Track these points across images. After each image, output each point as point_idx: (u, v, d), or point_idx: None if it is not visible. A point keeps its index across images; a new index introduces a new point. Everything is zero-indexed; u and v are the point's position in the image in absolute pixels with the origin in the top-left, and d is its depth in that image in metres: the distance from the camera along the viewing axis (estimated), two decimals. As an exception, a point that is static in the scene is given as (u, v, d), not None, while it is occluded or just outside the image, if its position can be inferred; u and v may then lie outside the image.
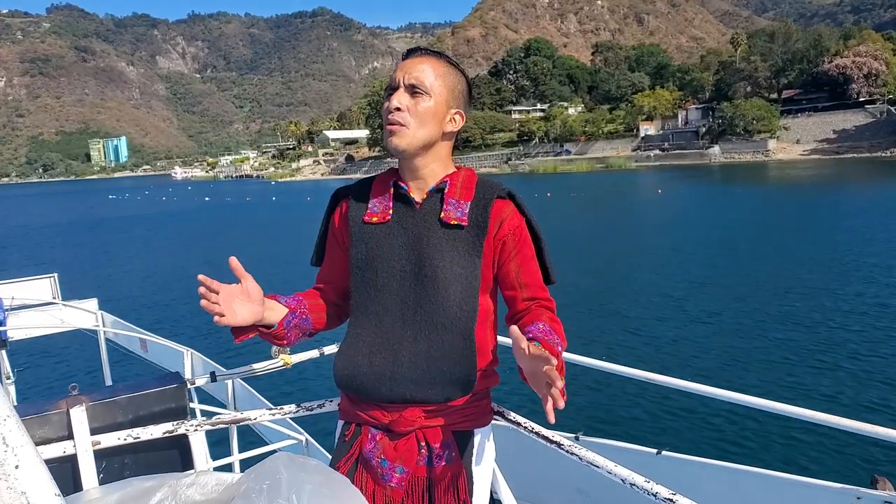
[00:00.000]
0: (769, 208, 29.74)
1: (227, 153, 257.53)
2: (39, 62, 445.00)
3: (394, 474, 1.47)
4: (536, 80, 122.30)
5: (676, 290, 14.15)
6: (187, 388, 1.87)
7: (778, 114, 72.66)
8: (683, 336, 10.83)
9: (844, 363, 9.08)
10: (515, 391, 6.70)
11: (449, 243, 1.49)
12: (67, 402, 1.66)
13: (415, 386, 1.46)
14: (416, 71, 1.48)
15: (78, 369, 10.60)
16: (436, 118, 1.50)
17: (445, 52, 1.58)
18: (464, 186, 1.54)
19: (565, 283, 15.38)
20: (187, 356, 3.89)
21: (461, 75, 1.56)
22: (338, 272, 1.62)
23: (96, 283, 19.22)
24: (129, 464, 1.68)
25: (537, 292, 1.53)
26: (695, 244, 20.40)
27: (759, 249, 18.63)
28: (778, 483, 1.88)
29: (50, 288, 6.17)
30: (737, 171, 59.59)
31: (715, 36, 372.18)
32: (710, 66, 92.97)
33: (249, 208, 52.47)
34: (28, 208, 77.09)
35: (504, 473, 1.66)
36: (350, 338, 1.55)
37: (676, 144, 78.79)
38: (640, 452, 2.13)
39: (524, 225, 1.54)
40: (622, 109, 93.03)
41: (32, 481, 0.59)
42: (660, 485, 1.16)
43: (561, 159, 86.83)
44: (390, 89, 1.50)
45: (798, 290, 13.43)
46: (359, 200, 1.59)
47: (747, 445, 6.75)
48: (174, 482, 1.18)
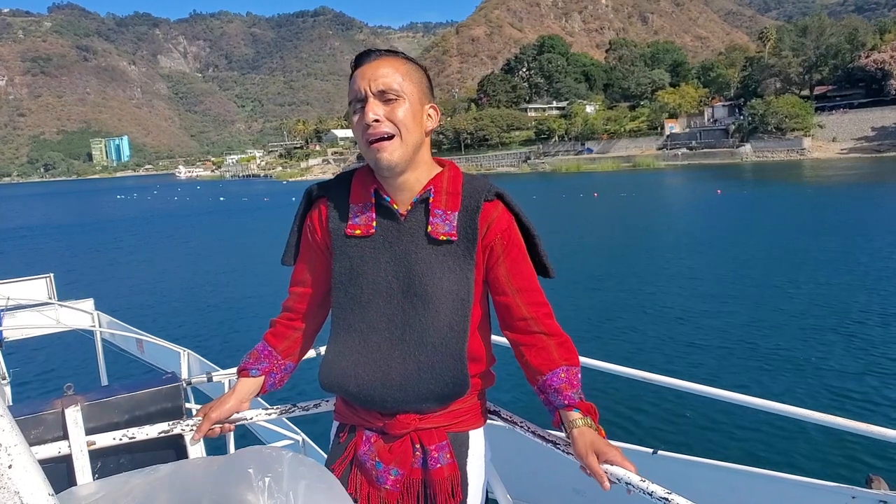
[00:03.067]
0: (849, 209, 27.24)
1: (229, 152, 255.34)
2: (41, 61, 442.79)
3: (388, 476, 1.46)
4: (550, 77, 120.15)
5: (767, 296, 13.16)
6: (183, 387, 1.87)
7: (812, 111, 70.08)
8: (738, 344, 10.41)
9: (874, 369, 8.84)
10: (511, 389, 6.39)
11: (438, 259, 1.43)
12: (62, 402, 1.65)
13: (405, 401, 1.45)
14: (381, 76, 1.38)
15: (74, 370, 10.52)
16: (416, 120, 1.41)
17: (395, 49, 1.48)
18: (449, 193, 1.46)
19: (631, 285, 14.88)
20: (183, 356, 3.89)
21: (421, 68, 1.46)
22: (316, 275, 1.56)
23: (92, 282, 19.30)
24: (125, 464, 1.66)
25: (533, 297, 1.47)
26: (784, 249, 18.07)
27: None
28: (773, 482, 1.89)
29: (46, 288, 6.18)
30: (774, 170, 57.17)
31: (719, 35, 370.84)
32: (735, 62, 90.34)
33: (270, 209, 50.14)
34: (36, 209, 74.92)
35: (500, 473, 1.66)
36: (333, 353, 1.51)
37: (705, 143, 76.29)
38: (635, 452, 2.11)
39: (512, 225, 1.47)
40: (646, 107, 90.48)
41: (25, 481, 0.59)
42: (655, 484, 1.16)
43: (583, 158, 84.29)
44: (358, 101, 1.40)
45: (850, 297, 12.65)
46: (338, 207, 1.50)
47: (743, 445, 6.77)
48: (166, 471, 1.18)
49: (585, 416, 1.37)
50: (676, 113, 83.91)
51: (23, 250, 30.75)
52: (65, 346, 11.30)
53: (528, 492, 2.38)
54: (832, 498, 1.69)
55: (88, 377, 8.44)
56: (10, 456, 0.60)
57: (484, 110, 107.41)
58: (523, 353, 1.48)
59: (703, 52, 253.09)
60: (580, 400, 1.40)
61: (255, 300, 16.01)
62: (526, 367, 1.48)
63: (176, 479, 1.15)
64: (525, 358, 1.47)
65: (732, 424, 7.21)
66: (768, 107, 69.19)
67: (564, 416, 1.39)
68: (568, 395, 1.39)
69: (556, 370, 1.42)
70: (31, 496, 0.59)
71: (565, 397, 1.39)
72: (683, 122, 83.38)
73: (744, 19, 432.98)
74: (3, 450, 0.60)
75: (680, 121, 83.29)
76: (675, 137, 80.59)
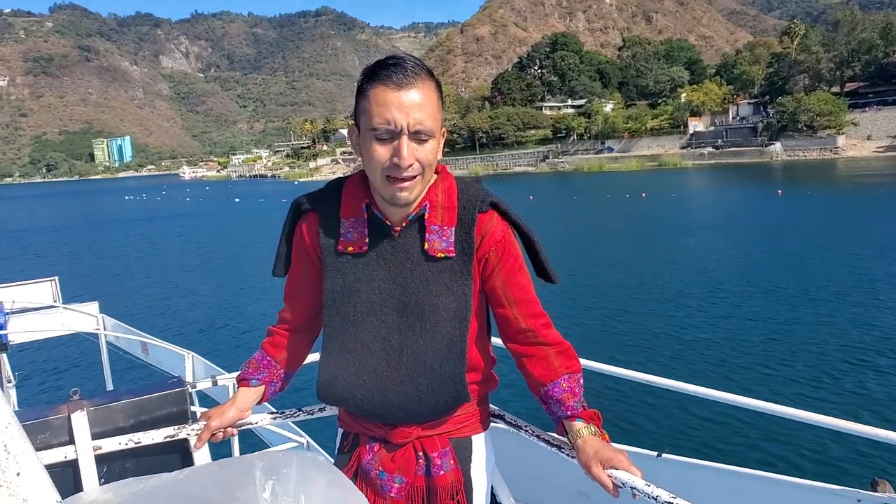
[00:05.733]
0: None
1: (232, 153, 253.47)
2: (42, 61, 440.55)
3: (393, 485, 1.46)
4: (564, 75, 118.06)
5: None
6: (189, 391, 1.86)
7: (846, 108, 67.88)
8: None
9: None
10: (515, 393, 5.95)
11: (435, 276, 1.40)
12: (69, 407, 1.66)
13: (407, 418, 1.45)
14: (419, 112, 1.29)
15: (79, 372, 10.53)
16: (437, 154, 1.37)
17: (421, 61, 1.34)
18: (444, 207, 1.41)
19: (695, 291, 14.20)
20: (188, 359, 3.87)
21: (440, 87, 1.39)
22: (309, 287, 1.53)
23: (97, 285, 19.36)
24: (131, 468, 1.67)
25: (530, 308, 1.45)
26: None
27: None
28: (779, 485, 1.88)
29: (51, 291, 6.19)
30: (812, 169, 55.12)
31: (723, 35, 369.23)
32: (759, 58, 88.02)
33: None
34: (40, 211, 73.11)
35: (504, 476, 1.66)
36: (328, 373, 1.49)
37: (731, 142, 74.20)
38: (640, 455, 2.09)
39: (507, 235, 1.43)
40: (669, 104, 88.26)
41: (33, 488, 0.59)
42: (660, 488, 1.16)
43: (605, 157, 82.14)
44: (387, 133, 1.29)
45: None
46: (328, 221, 1.46)
47: (748, 448, 6.75)
48: (172, 477, 1.19)
49: (588, 423, 1.36)
50: (699, 111, 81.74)
51: (27, 253, 30.82)
52: (70, 349, 11.33)
53: (532, 496, 2.35)
54: (838, 501, 1.68)
55: (93, 380, 8.22)
56: (18, 464, 0.60)
57: (499, 109, 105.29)
58: (524, 363, 1.46)
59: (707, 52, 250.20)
60: (583, 409, 1.38)
61: (262, 303, 15.73)
62: (528, 377, 1.47)
63: (183, 483, 1.16)
64: (526, 368, 1.46)
65: (737, 427, 7.21)
66: (799, 104, 67.08)
67: (568, 426, 1.38)
68: (570, 405, 1.38)
69: (556, 380, 1.41)
70: (39, 503, 0.59)
71: (567, 408, 1.38)
72: (707, 120, 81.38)
73: (747, 19, 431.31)
74: (11, 457, 0.60)
75: (703, 119, 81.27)
76: (699, 136, 78.52)
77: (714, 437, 7.10)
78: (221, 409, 1.55)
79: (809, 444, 6.66)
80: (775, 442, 6.80)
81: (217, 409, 1.56)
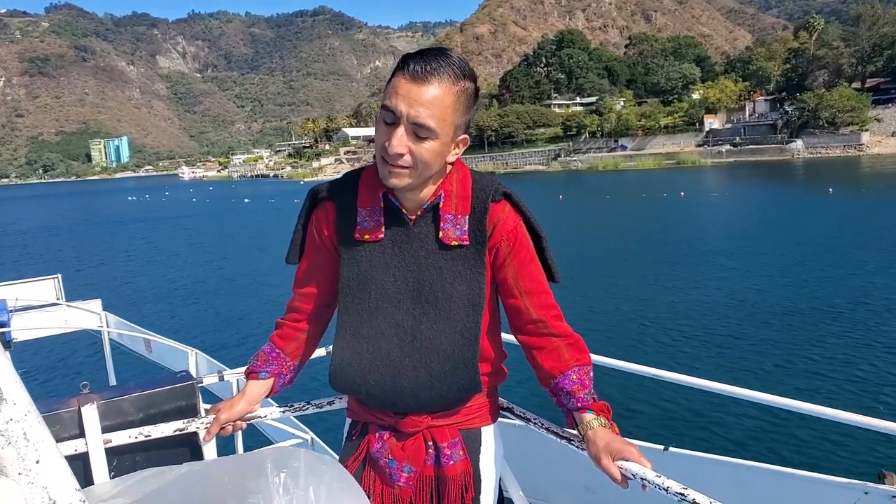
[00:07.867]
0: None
1: (230, 153, 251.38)
2: (39, 62, 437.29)
3: (402, 474, 1.46)
4: (571, 72, 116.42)
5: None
6: (197, 386, 1.91)
7: (869, 104, 66.30)
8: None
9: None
10: (524, 385, 6.05)
11: (449, 264, 1.42)
12: (79, 401, 1.67)
13: (417, 406, 1.45)
14: (423, 107, 1.27)
15: (82, 370, 10.47)
16: (440, 156, 1.35)
17: (454, 56, 1.32)
18: (459, 196, 1.43)
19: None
20: (192, 356, 3.88)
21: (472, 84, 1.34)
22: (322, 275, 1.54)
23: (99, 283, 19.37)
24: (140, 461, 1.69)
25: (542, 299, 1.45)
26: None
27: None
28: (785, 478, 1.88)
29: (54, 289, 6.20)
30: (838, 167, 53.54)
31: (722, 33, 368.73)
32: (775, 54, 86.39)
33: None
34: (41, 212, 71.27)
35: (512, 469, 1.67)
36: (341, 359, 1.50)
37: (750, 139, 72.56)
38: (646, 449, 2.08)
39: (520, 225, 1.44)
40: (685, 101, 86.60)
41: (53, 476, 0.60)
42: (671, 480, 1.16)
43: (620, 155, 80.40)
44: (389, 116, 1.30)
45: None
46: (346, 209, 1.47)
47: (754, 441, 6.72)
48: (187, 469, 1.20)
49: (599, 415, 1.37)
50: (715, 108, 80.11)
51: (30, 252, 30.46)
52: (73, 346, 11.33)
53: (541, 488, 2.37)
54: (844, 494, 1.67)
55: (97, 377, 8.20)
56: (38, 451, 0.61)
57: (508, 106, 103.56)
58: (535, 355, 1.46)
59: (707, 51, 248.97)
60: (593, 401, 1.39)
61: (265, 298, 15.77)
62: (538, 369, 1.47)
63: (192, 477, 1.17)
64: (536, 361, 1.46)
65: (742, 421, 7.18)
66: (821, 100, 65.40)
67: (578, 418, 1.39)
68: (580, 396, 1.38)
69: (567, 372, 1.41)
70: (58, 491, 0.60)
71: (578, 399, 1.38)
72: (723, 117, 79.73)
73: (746, 17, 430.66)
74: (31, 445, 0.60)
75: (719, 116, 79.61)
76: (715, 133, 76.88)
77: (720, 430, 7.11)
78: (231, 403, 1.55)
79: (816, 436, 6.68)
80: (782, 435, 6.81)
81: (226, 403, 1.56)
